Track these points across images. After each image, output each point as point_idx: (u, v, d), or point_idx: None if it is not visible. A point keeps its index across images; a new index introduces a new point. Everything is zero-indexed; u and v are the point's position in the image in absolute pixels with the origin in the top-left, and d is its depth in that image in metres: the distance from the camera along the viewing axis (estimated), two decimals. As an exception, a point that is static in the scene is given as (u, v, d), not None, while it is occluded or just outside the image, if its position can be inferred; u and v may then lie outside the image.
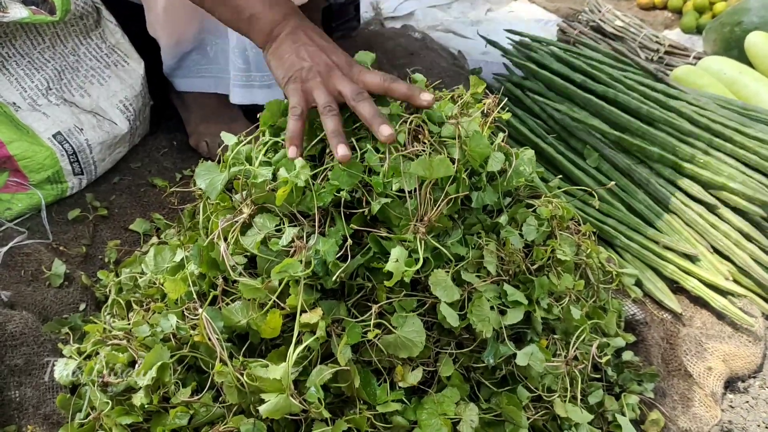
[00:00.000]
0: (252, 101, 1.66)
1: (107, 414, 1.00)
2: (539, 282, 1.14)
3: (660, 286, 1.52)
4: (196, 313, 1.06)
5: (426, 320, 1.08)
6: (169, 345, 1.05)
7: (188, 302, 1.10)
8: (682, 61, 2.27)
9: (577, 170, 1.72)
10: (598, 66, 1.95)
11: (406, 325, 1.03)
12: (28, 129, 1.58)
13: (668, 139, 1.70)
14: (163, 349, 1.01)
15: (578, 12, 2.64)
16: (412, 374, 1.06)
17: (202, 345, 1.04)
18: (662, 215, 1.61)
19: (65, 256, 1.51)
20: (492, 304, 1.08)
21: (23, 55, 1.63)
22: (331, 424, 1.01)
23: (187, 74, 1.80)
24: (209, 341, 0.99)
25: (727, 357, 1.41)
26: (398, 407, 1.04)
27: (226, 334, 1.04)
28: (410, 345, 1.02)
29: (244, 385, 0.98)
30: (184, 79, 1.81)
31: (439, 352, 1.10)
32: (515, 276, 1.16)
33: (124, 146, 1.75)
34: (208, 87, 1.80)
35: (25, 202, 1.57)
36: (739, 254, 1.51)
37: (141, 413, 1.02)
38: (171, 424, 0.99)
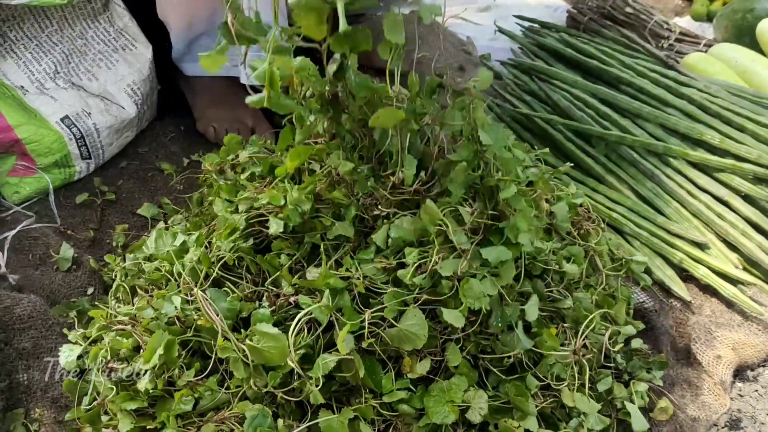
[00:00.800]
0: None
1: (112, 399, 1.00)
2: (514, 221, 1.11)
3: (669, 273, 1.51)
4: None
5: (432, 309, 1.08)
6: (173, 329, 1.04)
7: (193, 284, 1.09)
8: (693, 49, 2.25)
9: (587, 157, 1.71)
10: (610, 52, 1.93)
11: (407, 318, 1.03)
12: (36, 113, 1.57)
13: (680, 122, 1.69)
14: (165, 334, 1.01)
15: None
16: (420, 365, 1.06)
17: (204, 328, 1.04)
18: (671, 203, 1.60)
19: (73, 240, 1.51)
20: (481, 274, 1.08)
21: (31, 38, 1.62)
22: (338, 412, 1.01)
23: (197, 58, 1.78)
24: (209, 318, 0.99)
25: (737, 345, 1.40)
26: (404, 395, 1.04)
27: (231, 320, 1.04)
28: (413, 338, 1.02)
29: (248, 357, 0.98)
30: (194, 64, 1.80)
31: (446, 341, 1.10)
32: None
33: (132, 131, 1.74)
34: (219, 70, 1.78)
35: (33, 185, 1.57)
36: (747, 245, 1.50)
37: (146, 398, 1.01)
38: (176, 408, 0.99)
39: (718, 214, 1.56)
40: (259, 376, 1.00)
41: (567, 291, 1.25)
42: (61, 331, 1.27)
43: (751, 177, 1.58)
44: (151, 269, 1.21)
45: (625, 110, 1.77)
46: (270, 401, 1.04)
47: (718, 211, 1.56)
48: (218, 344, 0.99)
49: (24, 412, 1.18)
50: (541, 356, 1.13)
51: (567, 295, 1.24)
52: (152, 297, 1.15)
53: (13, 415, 1.17)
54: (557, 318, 1.21)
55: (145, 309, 1.07)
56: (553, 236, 1.31)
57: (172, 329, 1.03)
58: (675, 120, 1.69)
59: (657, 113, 1.72)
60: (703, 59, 2.05)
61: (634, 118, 1.76)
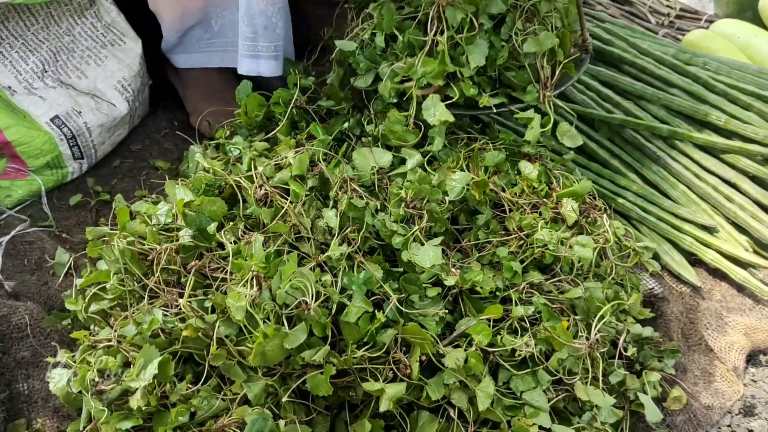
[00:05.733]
0: (258, 73, 1.60)
1: (106, 421, 0.97)
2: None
3: (678, 259, 1.48)
4: (178, 303, 1.03)
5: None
6: (159, 341, 1.01)
7: (172, 290, 1.07)
8: (694, 25, 2.21)
9: (590, 142, 1.68)
10: (614, 30, 1.89)
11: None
12: (25, 114, 1.53)
13: (685, 103, 1.65)
14: (151, 348, 0.97)
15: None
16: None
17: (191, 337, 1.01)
18: (678, 186, 1.56)
19: (68, 243, 1.48)
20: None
21: (17, 37, 1.57)
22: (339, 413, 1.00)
23: (189, 50, 1.75)
24: (198, 327, 0.97)
25: (749, 330, 1.38)
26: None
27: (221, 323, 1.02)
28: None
29: (244, 357, 0.96)
30: (185, 55, 1.75)
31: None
32: None
33: (124, 128, 1.70)
34: (211, 62, 1.75)
35: (25, 188, 1.54)
36: (756, 227, 1.47)
37: (141, 415, 0.98)
38: (173, 421, 0.96)
39: (726, 196, 1.53)
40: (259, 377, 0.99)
41: (577, 281, 1.23)
42: (60, 338, 1.24)
43: (759, 158, 1.55)
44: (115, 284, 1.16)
45: (627, 92, 1.74)
46: (272, 403, 1.02)
47: (726, 193, 1.53)
48: (212, 353, 0.96)
49: (26, 423, 1.16)
50: (552, 349, 1.11)
51: (578, 283, 1.22)
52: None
53: (14, 426, 1.15)
54: (568, 310, 1.18)
55: (126, 325, 1.03)
56: (560, 225, 1.28)
57: (157, 342, 0.99)
58: (679, 101, 1.66)
59: (661, 94, 1.69)
60: (705, 36, 2.01)
61: (637, 99, 1.72)
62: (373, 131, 1.36)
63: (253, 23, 1.56)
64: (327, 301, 1.04)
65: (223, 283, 1.06)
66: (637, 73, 1.78)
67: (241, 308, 0.96)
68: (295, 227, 1.14)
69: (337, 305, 1.04)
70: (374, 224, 1.16)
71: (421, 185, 1.19)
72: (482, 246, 1.25)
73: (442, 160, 1.32)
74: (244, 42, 1.59)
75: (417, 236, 1.15)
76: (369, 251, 1.17)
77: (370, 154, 1.29)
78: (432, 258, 1.12)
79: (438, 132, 1.36)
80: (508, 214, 1.27)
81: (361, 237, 1.14)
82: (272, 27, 1.53)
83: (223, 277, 1.06)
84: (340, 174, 1.22)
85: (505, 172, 1.34)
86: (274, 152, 1.31)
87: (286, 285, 0.99)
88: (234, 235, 1.12)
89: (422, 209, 1.19)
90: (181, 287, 1.06)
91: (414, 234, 1.15)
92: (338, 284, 1.06)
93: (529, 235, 1.23)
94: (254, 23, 1.56)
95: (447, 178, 1.24)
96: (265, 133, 1.42)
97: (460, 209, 1.29)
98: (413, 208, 1.18)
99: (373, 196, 1.25)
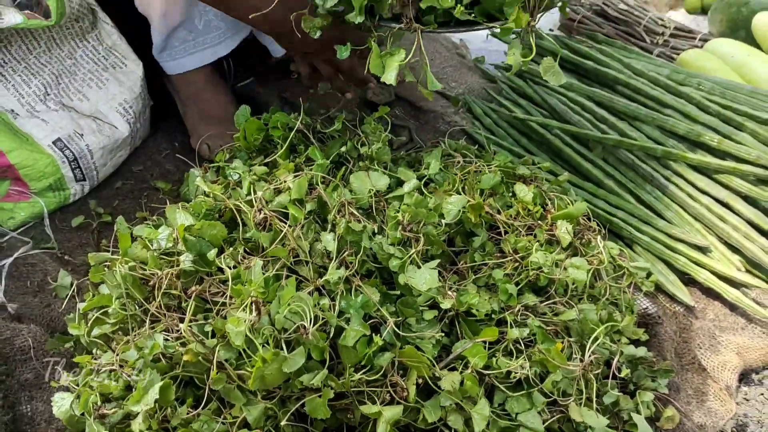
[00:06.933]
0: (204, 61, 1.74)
1: (107, 446, 0.98)
2: None
3: (672, 278, 1.50)
4: (179, 328, 1.05)
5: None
6: (160, 366, 1.02)
7: (173, 315, 1.08)
8: (688, 44, 2.24)
9: (585, 162, 1.70)
10: (609, 51, 1.92)
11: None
12: (28, 137, 1.55)
13: (678, 123, 1.68)
14: (153, 372, 0.99)
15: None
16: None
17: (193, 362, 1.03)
18: (671, 206, 1.59)
19: (71, 266, 1.50)
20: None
21: (19, 60, 1.60)
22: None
23: (176, 55, 1.76)
24: (199, 351, 0.99)
25: (741, 349, 1.40)
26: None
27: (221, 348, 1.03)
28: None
29: (243, 381, 0.98)
30: (173, 62, 1.76)
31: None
32: None
33: (126, 150, 1.73)
34: (204, 60, 1.77)
35: (28, 210, 1.56)
36: (749, 247, 1.49)
37: None
38: None
39: (719, 216, 1.55)
40: (258, 401, 1.00)
41: (571, 302, 1.25)
42: (62, 360, 1.26)
43: (751, 178, 1.57)
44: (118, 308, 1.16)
45: (622, 113, 1.76)
46: (271, 426, 1.04)
47: (719, 213, 1.55)
48: (212, 377, 0.98)
49: (29, 445, 1.18)
50: (547, 371, 1.13)
51: (572, 305, 1.24)
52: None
53: (18, 448, 1.17)
54: (562, 332, 1.20)
55: (128, 350, 1.05)
56: (555, 247, 1.30)
57: (159, 366, 1.01)
58: (673, 122, 1.68)
59: (654, 115, 1.71)
60: (699, 55, 2.04)
61: (631, 120, 1.75)
62: (367, 152, 1.38)
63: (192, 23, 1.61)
64: (325, 325, 1.05)
65: (223, 308, 1.08)
66: (631, 94, 1.81)
67: (241, 333, 0.97)
68: (293, 251, 1.16)
69: (335, 329, 1.06)
70: (371, 247, 1.18)
71: (417, 209, 1.21)
72: (478, 268, 1.27)
73: (438, 183, 1.34)
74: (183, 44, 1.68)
75: (414, 259, 1.17)
76: (366, 274, 1.19)
77: (367, 178, 1.31)
78: (428, 281, 1.14)
79: (434, 156, 1.39)
80: (504, 236, 1.29)
81: (359, 260, 1.16)
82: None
83: (223, 301, 1.08)
84: (338, 197, 1.24)
85: (501, 194, 1.36)
86: (273, 176, 1.33)
87: (284, 310, 1.01)
88: (234, 259, 1.14)
89: (419, 232, 1.21)
90: (182, 312, 1.08)
91: (411, 257, 1.17)
92: (336, 308, 1.08)
93: (524, 257, 1.25)
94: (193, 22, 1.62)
95: (443, 201, 1.26)
96: (264, 156, 1.45)
97: (456, 231, 1.31)
98: (410, 231, 1.20)
99: (370, 218, 1.27)
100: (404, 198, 1.26)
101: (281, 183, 1.27)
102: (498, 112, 1.91)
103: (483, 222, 1.29)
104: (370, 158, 1.38)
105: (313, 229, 1.22)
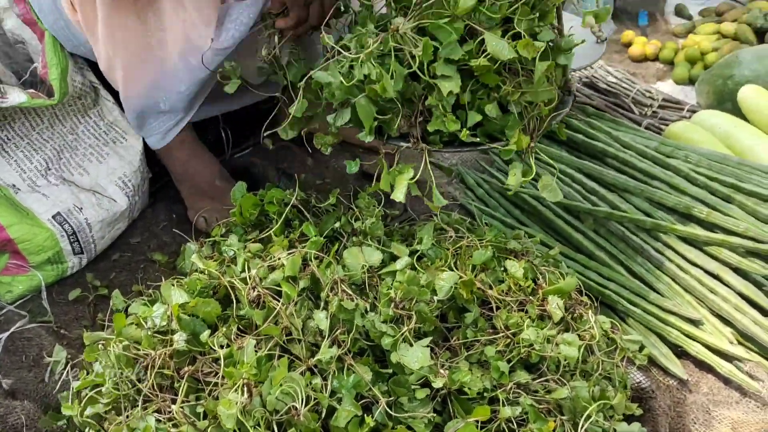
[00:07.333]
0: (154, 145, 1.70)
1: None
2: None
3: (665, 351, 1.50)
4: (171, 409, 1.05)
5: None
6: None
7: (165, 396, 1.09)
8: (677, 114, 2.29)
9: (576, 233, 1.72)
10: (597, 125, 1.97)
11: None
12: (28, 211, 1.58)
13: (667, 196, 1.71)
14: None
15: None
16: None
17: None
18: (662, 278, 1.60)
19: (66, 339, 1.50)
20: None
21: (22, 137, 1.64)
22: None
23: (151, 131, 1.70)
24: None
25: (736, 425, 1.39)
26: None
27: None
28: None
29: None
30: (151, 138, 1.72)
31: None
32: None
33: (124, 222, 1.75)
34: (173, 134, 1.71)
35: (26, 284, 1.57)
36: (740, 319, 1.50)
37: None
38: None
39: (710, 288, 1.56)
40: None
41: (563, 379, 1.25)
42: (57, 439, 1.26)
43: (741, 250, 1.59)
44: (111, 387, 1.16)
45: (611, 184, 1.80)
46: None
47: (710, 285, 1.56)
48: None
49: None
50: (539, 450, 1.13)
51: (564, 382, 1.24)
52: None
53: None
54: (555, 410, 1.20)
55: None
56: (546, 322, 1.32)
57: None
58: (662, 194, 1.71)
59: (643, 187, 1.74)
60: (687, 127, 2.08)
61: (621, 192, 1.78)
62: (360, 227, 1.41)
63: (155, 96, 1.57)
64: (317, 405, 1.06)
65: (215, 388, 1.08)
66: (620, 166, 1.85)
67: (232, 416, 0.98)
68: (286, 329, 1.18)
69: (327, 409, 1.07)
70: (364, 324, 1.20)
71: (409, 286, 1.23)
72: (470, 344, 1.28)
73: (430, 259, 1.36)
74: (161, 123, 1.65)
75: (406, 337, 1.18)
76: (359, 352, 1.20)
77: (360, 253, 1.33)
78: (421, 359, 1.15)
79: (426, 231, 1.41)
80: (496, 312, 1.30)
81: (351, 338, 1.17)
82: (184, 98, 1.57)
83: (216, 381, 1.09)
84: (331, 275, 1.26)
85: (493, 269, 1.38)
86: (268, 252, 1.35)
87: (276, 391, 1.02)
88: (227, 337, 1.16)
89: (411, 309, 1.22)
90: (175, 392, 1.09)
91: (403, 334, 1.18)
92: (328, 388, 1.08)
93: (516, 333, 1.26)
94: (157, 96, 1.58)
95: (436, 277, 1.28)
96: (260, 231, 1.47)
97: (448, 307, 1.32)
98: (402, 308, 1.22)
99: (363, 294, 1.29)
100: (397, 275, 1.28)
101: (275, 260, 1.29)
102: (490, 183, 1.94)
103: (475, 298, 1.31)
104: (364, 233, 1.41)
105: (306, 306, 1.23)
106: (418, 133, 1.26)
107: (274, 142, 1.47)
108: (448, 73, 1.17)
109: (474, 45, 1.17)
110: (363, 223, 1.42)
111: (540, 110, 1.25)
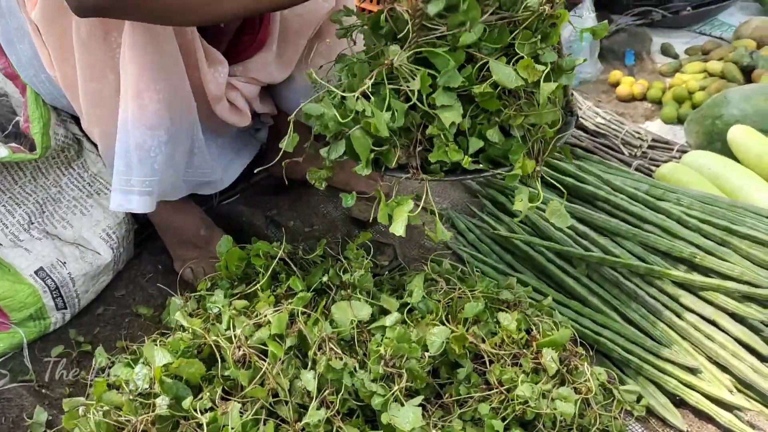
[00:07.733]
0: (129, 209, 1.46)
1: None
2: None
3: (663, 401, 1.47)
4: None
5: None
6: None
7: None
8: (666, 155, 2.28)
9: (569, 278, 1.70)
10: (587, 168, 1.96)
11: None
12: (10, 267, 1.55)
13: (660, 240, 1.69)
14: None
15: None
16: None
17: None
18: (658, 324, 1.57)
19: (48, 399, 1.46)
20: None
21: (4, 191, 1.61)
22: None
23: (120, 191, 1.49)
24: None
25: (737, 477, 1.35)
26: None
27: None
28: None
29: None
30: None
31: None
32: None
33: (108, 275, 1.72)
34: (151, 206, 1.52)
35: (7, 341, 1.53)
36: (738, 366, 1.47)
37: None
38: None
39: (706, 335, 1.53)
40: None
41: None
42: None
43: (736, 295, 1.56)
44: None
45: (603, 228, 1.78)
46: None
47: (707, 332, 1.54)
48: None
49: None
50: None
51: (561, 439, 1.21)
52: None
53: None
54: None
55: None
56: (541, 376, 1.28)
57: None
58: (654, 238, 1.69)
59: (635, 231, 1.72)
60: (676, 169, 2.07)
61: (613, 236, 1.76)
62: (349, 280, 1.38)
63: (127, 156, 1.41)
64: (305, 472, 1.02)
65: (198, 456, 1.04)
66: (611, 210, 1.83)
67: (217, 487, 0.94)
68: (272, 390, 1.14)
69: (315, 476, 1.03)
70: (353, 383, 1.16)
71: (400, 343, 1.19)
72: (464, 401, 1.24)
73: (421, 312, 1.33)
74: (117, 176, 1.45)
75: (397, 396, 1.15)
76: (348, 413, 1.16)
77: (349, 308, 1.30)
78: (412, 420, 1.11)
79: (416, 283, 1.38)
80: (489, 367, 1.27)
81: (340, 399, 1.14)
82: (149, 161, 1.39)
83: (199, 448, 1.05)
84: (319, 332, 1.22)
85: (485, 322, 1.35)
86: (254, 308, 1.32)
87: (262, 459, 0.98)
88: (211, 401, 1.12)
89: (401, 367, 1.19)
90: (156, 460, 1.05)
91: (393, 394, 1.14)
92: (317, 453, 1.05)
93: (510, 389, 1.23)
94: (128, 156, 1.41)
95: (427, 333, 1.24)
96: (246, 285, 1.44)
97: (440, 362, 1.29)
98: (393, 366, 1.19)
99: (352, 351, 1.25)
100: (387, 331, 1.25)
101: (261, 317, 1.26)
102: (481, 228, 1.92)
103: (467, 352, 1.27)
104: (353, 286, 1.38)
105: (293, 365, 1.20)
106: (417, 163, 1.18)
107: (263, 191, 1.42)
108: (448, 102, 1.10)
109: (473, 70, 1.12)
110: (352, 275, 1.39)
111: (544, 132, 1.19)
